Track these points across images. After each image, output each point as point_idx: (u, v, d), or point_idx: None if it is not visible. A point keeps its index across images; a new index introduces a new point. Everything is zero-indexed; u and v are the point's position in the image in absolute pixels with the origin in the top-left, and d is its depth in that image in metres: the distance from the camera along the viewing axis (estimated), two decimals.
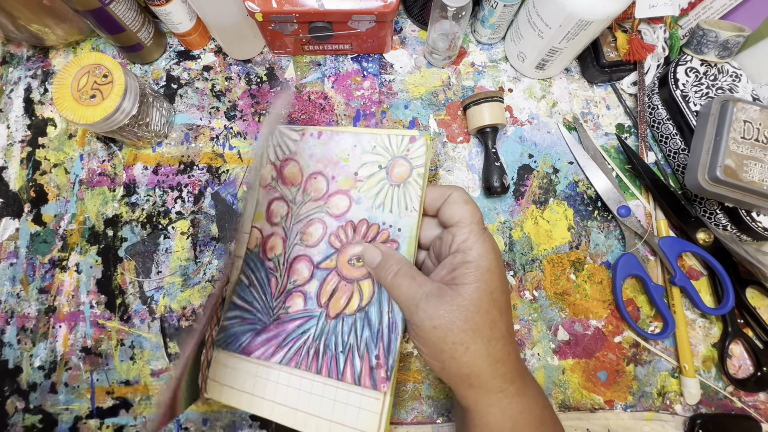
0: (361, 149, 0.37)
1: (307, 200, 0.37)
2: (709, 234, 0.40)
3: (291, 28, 0.41)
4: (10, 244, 0.41)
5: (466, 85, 0.46)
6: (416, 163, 0.36)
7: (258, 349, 0.35)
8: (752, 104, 0.37)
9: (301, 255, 0.37)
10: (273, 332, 0.35)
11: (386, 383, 0.32)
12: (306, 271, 0.36)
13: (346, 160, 0.37)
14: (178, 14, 0.41)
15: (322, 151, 0.38)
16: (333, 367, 0.33)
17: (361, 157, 0.37)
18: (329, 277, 0.36)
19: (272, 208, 0.38)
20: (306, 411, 0.33)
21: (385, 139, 0.37)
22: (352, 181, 0.37)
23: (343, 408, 0.33)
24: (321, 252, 0.36)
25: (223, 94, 0.45)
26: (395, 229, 0.35)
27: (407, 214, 0.35)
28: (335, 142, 0.38)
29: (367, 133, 0.38)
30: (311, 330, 0.35)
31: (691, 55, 0.42)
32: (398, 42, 0.47)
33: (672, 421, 0.39)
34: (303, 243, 0.37)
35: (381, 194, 0.36)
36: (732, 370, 0.40)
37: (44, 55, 0.46)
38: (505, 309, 0.29)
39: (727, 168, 0.35)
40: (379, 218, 0.36)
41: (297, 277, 0.36)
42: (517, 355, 0.30)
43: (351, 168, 0.37)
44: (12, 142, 0.44)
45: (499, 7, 0.41)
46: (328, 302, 0.35)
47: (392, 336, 0.33)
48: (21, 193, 0.42)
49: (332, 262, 0.36)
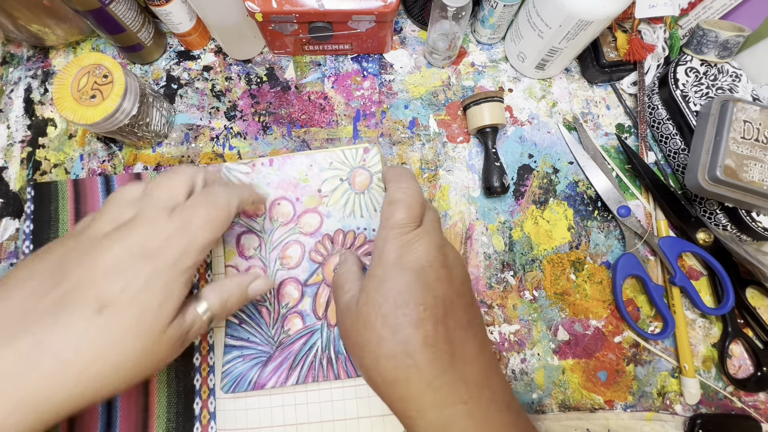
0: (318, 167, 0.38)
1: (277, 226, 0.38)
2: (709, 234, 0.40)
3: (291, 28, 0.41)
4: (10, 245, 0.41)
5: (466, 85, 0.46)
6: (374, 170, 0.38)
7: (270, 379, 0.35)
8: (752, 104, 0.37)
9: (287, 278, 0.37)
10: (281, 358, 0.35)
11: None
12: (296, 292, 0.37)
13: (306, 181, 0.38)
14: (178, 14, 0.41)
15: (279, 177, 0.38)
16: (349, 367, 0.35)
17: (319, 174, 0.38)
18: (320, 290, 0.37)
19: (243, 243, 0.37)
20: (332, 419, 0.35)
21: (340, 154, 0.39)
22: (317, 198, 0.38)
23: (367, 402, 0.35)
24: (305, 270, 0.37)
25: (223, 94, 0.45)
26: (369, 230, 0.37)
27: (377, 215, 0.37)
28: (289, 165, 0.38)
29: (319, 152, 0.39)
30: (317, 342, 0.35)
31: (691, 55, 0.42)
32: (398, 42, 0.47)
33: (672, 421, 0.39)
34: (285, 267, 0.37)
35: (349, 203, 0.38)
36: (732, 370, 0.40)
37: (44, 55, 0.46)
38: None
39: (727, 168, 0.35)
40: (352, 225, 0.37)
41: (288, 300, 0.36)
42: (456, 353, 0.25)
43: (313, 186, 0.38)
44: (12, 142, 0.44)
45: (499, 7, 0.41)
46: (325, 313, 0.36)
47: None
48: (21, 193, 0.42)
49: (319, 276, 0.37)
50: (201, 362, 0.37)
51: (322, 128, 0.44)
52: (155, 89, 0.42)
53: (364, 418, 0.35)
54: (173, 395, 0.37)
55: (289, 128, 0.44)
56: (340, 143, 0.44)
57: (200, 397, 0.37)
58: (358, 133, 0.44)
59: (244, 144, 0.44)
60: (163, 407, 0.36)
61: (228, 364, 0.35)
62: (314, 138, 0.44)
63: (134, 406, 0.36)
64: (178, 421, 0.36)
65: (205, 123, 0.44)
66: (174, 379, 0.37)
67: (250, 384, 0.34)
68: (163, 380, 0.37)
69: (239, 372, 0.35)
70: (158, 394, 0.37)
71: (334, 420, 0.35)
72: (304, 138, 0.44)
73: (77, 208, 0.40)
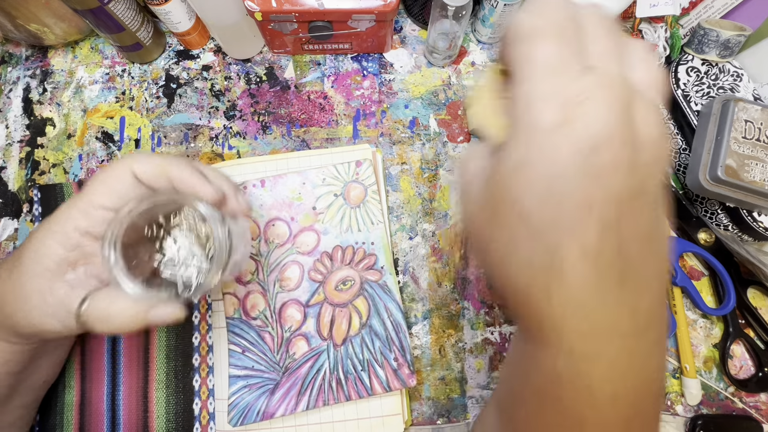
0: (311, 185, 0.38)
1: (273, 248, 0.37)
2: (710, 234, 0.40)
3: (291, 28, 0.41)
4: (8, 245, 0.41)
5: (466, 84, 0.46)
6: (368, 183, 0.38)
7: (279, 407, 0.34)
8: (753, 104, 0.37)
9: (288, 301, 0.36)
10: (288, 384, 0.35)
11: (413, 377, 0.35)
12: (298, 314, 0.36)
13: (299, 199, 0.38)
14: (178, 13, 0.41)
15: (272, 198, 0.38)
16: (360, 387, 0.34)
17: (313, 192, 0.38)
18: (322, 310, 0.36)
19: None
20: (331, 420, 0.35)
21: (332, 170, 0.38)
22: (312, 216, 0.38)
23: (366, 403, 0.35)
24: (306, 290, 0.36)
25: (223, 94, 0.45)
26: (368, 244, 0.37)
27: (375, 228, 0.37)
28: (281, 185, 0.38)
29: (311, 170, 0.38)
30: (325, 364, 0.35)
31: (692, 55, 0.42)
32: (398, 41, 0.47)
33: (673, 422, 0.39)
34: (284, 289, 0.36)
35: (345, 219, 0.38)
36: (733, 370, 0.40)
37: (43, 54, 0.46)
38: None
39: (728, 168, 0.35)
40: (350, 240, 0.37)
41: (291, 324, 0.36)
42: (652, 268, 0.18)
43: (307, 204, 0.38)
44: (11, 142, 0.44)
45: (499, 7, 0.41)
46: (330, 333, 0.36)
47: (401, 335, 0.35)
48: (20, 193, 0.42)
49: (320, 296, 0.36)
50: (200, 363, 0.37)
51: (321, 128, 0.44)
52: None
53: (364, 419, 0.35)
54: (172, 395, 0.37)
55: (288, 128, 0.44)
56: (339, 143, 0.43)
57: (199, 398, 0.37)
58: (358, 133, 0.44)
59: (244, 144, 0.44)
60: (162, 407, 0.36)
61: (234, 395, 0.34)
62: (314, 138, 0.44)
63: (135, 406, 0.36)
64: (177, 421, 0.36)
65: (204, 123, 0.44)
66: (173, 379, 0.37)
67: (258, 415, 0.34)
68: (162, 380, 0.37)
69: (246, 403, 0.34)
70: (157, 394, 0.37)
71: (334, 422, 0.35)
72: (303, 137, 0.44)
73: None
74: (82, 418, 0.36)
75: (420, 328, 0.40)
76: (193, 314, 0.38)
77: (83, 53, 0.46)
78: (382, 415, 0.35)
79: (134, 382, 0.37)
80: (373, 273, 0.37)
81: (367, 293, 0.37)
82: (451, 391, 0.39)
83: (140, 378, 0.37)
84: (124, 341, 0.38)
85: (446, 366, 0.39)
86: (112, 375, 0.37)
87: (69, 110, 0.44)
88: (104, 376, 0.37)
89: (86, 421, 0.36)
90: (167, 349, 0.38)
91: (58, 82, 0.45)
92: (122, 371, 0.37)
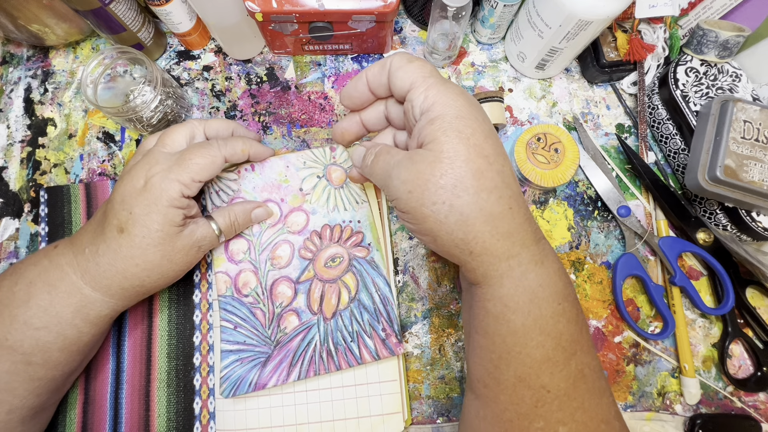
0: (294, 168, 0.39)
1: (266, 228, 0.38)
2: (709, 234, 0.40)
3: (291, 28, 0.41)
4: (10, 244, 0.41)
5: (466, 85, 0.46)
6: (346, 166, 0.39)
7: (271, 378, 0.35)
8: (752, 104, 0.37)
9: (279, 278, 0.37)
10: (280, 356, 0.35)
11: (400, 345, 0.36)
12: (289, 291, 0.37)
13: (286, 181, 0.39)
14: (178, 14, 0.41)
15: (262, 180, 0.39)
16: (350, 357, 0.35)
17: (297, 174, 0.39)
18: (312, 286, 0.37)
19: (231, 249, 0.38)
20: (332, 419, 0.35)
21: (309, 154, 0.40)
22: (300, 196, 0.39)
23: (367, 402, 0.36)
24: (296, 268, 0.37)
25: (223, 94, 0.45)
26: (355, 222, 0.39)
27: (360, 207, 0.39)
28: (269, 168, 0.39)
29: (291, 154, 0.40)
30: (315, 337, 0.36)
31: (691, 55, 0.42)
32: (398, 42, 0.47)
33: (672, 421, 0.39)
34: (275, 267, 0.37)
35: (331, 198, 0.39)
36: (732, 370, 0.40)
37: (44, 55, 0.46)
38: (494, 156, 0.25)
39: (727, 168, 0.35)
40: (338, 219, 0.38)
41: (282, 300, 0.37)
42: (525, 212, 0.25)
43: (294, 186, 0.39)
44: (12, 142, 0.44)
45: (499, 7, 0.41)
46: (320, 307, 0.37)
47: (388, 308, 0.37)
48: (21, 193, 0.42)
49: (310, 273, 0.37)
50: (201, 362, 0.37)
51: (322, 128, 0.44)
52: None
53: (364, 417, 0.35)
54: (173, 394, 0.37)
55: (289, 128, 0.44)
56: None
57: (200, 397, 0.37)
58: None
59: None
60: (164, 406, 0.37)
61: (226, 369, 0.35)
62: (314, 138, 0.44)
63: (137, 405, 0.37)
64: (178, 420, 0.36)
65: None
66: (174, 378, 0.37)
67: (250, 386, 0.34)
68: (164, 378, 0.37)
69: (238, 375, 0.35)
70: (158, 393, 0.37)
71: (334, 420, 0.35)
72: (304, 138, 0.44)
73: (89, 210, 0.41)
74: (85, 416, 0.36)
75: (420, 327, 0.40)
76: (194, 314, 0.38)
77: (84, 54, 0.46)
78: (382, 413, 0.35)
79: (137, 381, 0.37)
80: (361, 249, 0.38)
81: (355, 269, 0.38)
82: (450, 390, 0.39)
83: (142, 377, 0.37)
84: (128, 340, 0.38)
85: (446, 365, 0.39)
86: (116, 374, 0.37)
87: (70, 110, 0.44)
88: (108, 375, 0.37)
89: (89, 419, 0.36)
90: (168, 348, 0.38)
91: (60, 83, 0.45)
92: (126, 370, 0.37)
